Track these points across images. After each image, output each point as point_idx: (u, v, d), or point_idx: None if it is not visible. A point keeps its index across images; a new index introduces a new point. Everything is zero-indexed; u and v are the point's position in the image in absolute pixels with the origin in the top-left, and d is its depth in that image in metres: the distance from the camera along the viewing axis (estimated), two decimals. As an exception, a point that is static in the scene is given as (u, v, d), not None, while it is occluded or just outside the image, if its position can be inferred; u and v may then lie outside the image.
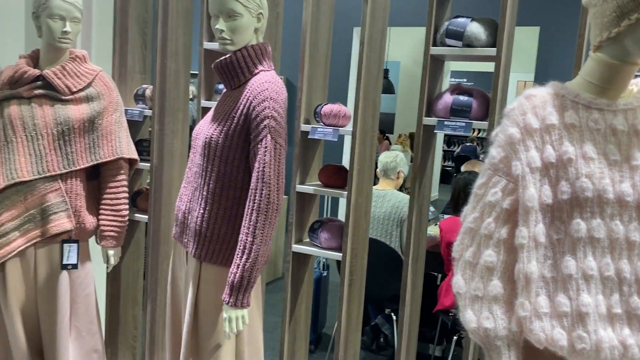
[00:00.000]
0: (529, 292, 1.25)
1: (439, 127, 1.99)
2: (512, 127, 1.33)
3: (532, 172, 1.28)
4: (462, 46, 1.97)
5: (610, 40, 1.25)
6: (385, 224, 3.49)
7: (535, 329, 1.23)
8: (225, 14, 1.78)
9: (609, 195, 1.21)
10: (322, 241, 2.29)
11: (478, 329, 1.31)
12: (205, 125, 1.90)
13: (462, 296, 1.35)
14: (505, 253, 1.31)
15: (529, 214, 1.26)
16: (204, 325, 1.87)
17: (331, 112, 2.23)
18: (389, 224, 3.50)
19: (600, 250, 1.21)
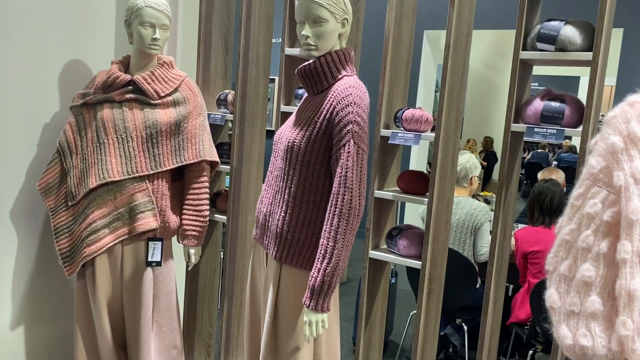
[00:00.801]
0: (632, 310, 1.17)
1: (528, 134, 1.92)
2: (615, 136, 1.26)
3: (636, 184, 1.20)
4: (554, 50, 1.89)
5: None
6: (458, 232, 3.41)
7: (638, 349, 1.15)
8: (312, 20, 1.80)
9: None
10: (401, 248, 2.26)
11: (574, 346, 1.24)
12: (287, 130, 1.92)
13: (556, 311, 1.29)
14: (606, 268, 1.23)
15: (632, 227, 1.18)
16: (284, 328, 1.88)
17: (413, 117, 2.20)
18: (462, 232, 3.41)
19: None
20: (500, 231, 2.10)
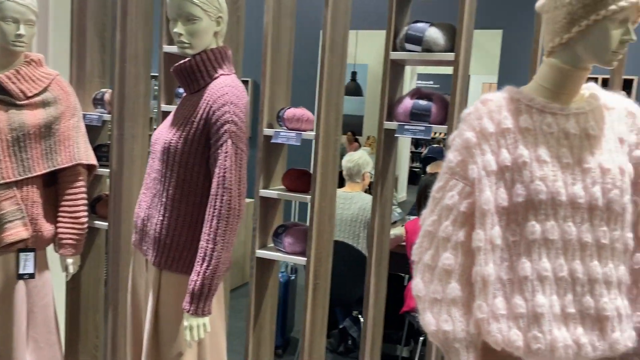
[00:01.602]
0: (487, 294, 1.26)
1: (399, 131, 2.01)
2: (469, 132, 1.35)
3: (488, 176, 1.30)
4: (421, 51, 1.99)
5: (562, 46, 1.27)
6: (352, 226, 3.50)
7: (492, 330, 1.25)
8: (184, 18, 1.76)
9: (562, 198, 1.23)
10: (286, 246, 2.28)
11: (437, 332, 1.32)
12: (164, 130, 1.87)
13: (421, 299, 1.37)
14: (463, 256, 1.32)
15: (485, 216, 1.28)
16: (165, 335, 1.84)
17: (294, 116, 2.23)
18: (356, 226, 3.51)
19: (554, 251, 1.23)
20: (378, 224, 2.18)
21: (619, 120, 1.32)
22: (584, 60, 1.27)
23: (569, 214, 1.24)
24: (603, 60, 1.24)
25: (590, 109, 1.31)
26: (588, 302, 1.23)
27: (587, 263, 1.24)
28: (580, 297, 1.23)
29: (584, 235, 1.23)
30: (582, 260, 1.24)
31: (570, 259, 1.23)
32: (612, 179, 1.25)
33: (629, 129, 1.32)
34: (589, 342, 1.22)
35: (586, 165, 1.26)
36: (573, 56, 1.27)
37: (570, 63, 1.28)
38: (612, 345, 1.22)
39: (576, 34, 1.24)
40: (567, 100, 1.31)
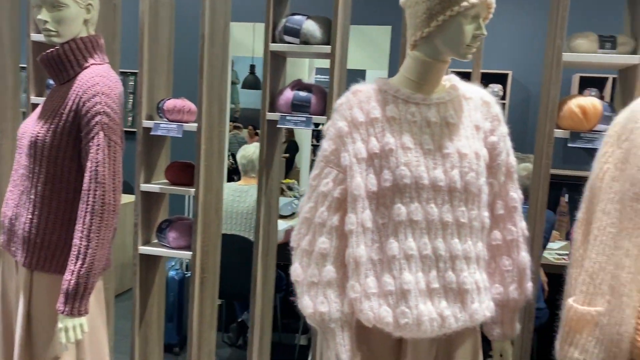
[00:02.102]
0: (359, 275, 1.33)
1: (281, 122, 2.04)
2: (341, 121, 1.40)
3: (358, 163, 1.36)
4: (299, 43, 2.02)
5: (423, 40, 1.36)
6: (248, 219, 3.50)
7: (364, 308, 1.31)
8: (49, 4, 1.66)
9: (425, 181, 1.32)
10: (171, 241, 2.23)
11: (314, 314, 1.36)
12: (31, 124, 1.75)
13: (299, 284, 1.41)
14: (338, 239, 1.38)
15: (356, 201, 1.34)
16: (39, 339, 1.73)
17: (174, 108, 2.18)
18: (252, 219, 3.51)
19: (419, 231, 1.32)
20: (264, 215, 2.20)
21: (475, 109, 1.44)
22: (442, 53, 1.36)
23: (431, 196, 1.32)
24: (459, 53, 1.34)
25: (450, 99, 1.41)
26: (450, 277, 1.32)
27: (449, 241, 1.33)
28: (443, 273, 1.32)
29: (445, 216, 1.33)
30: (444, 239, 1.33)
31: (434, 238, 1.32)
32: (469, 163, 1.35)
33: (484, 117, 1.44)
34: (452, 314, 1.32)
35: (446, 151, 1.35)
36: (433, 49, 1.36)
37: (431, 56, 1.36)
38: (471, 315, 1.33)
39: (435, 28, 1.32)
40: (430, 91, 1.40)
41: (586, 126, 1.84)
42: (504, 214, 1.47)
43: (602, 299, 1.35)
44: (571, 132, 1.86)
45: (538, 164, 1.92)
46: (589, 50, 1.87)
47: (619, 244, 1.32)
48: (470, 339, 1.42)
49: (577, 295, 1.41)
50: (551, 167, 1.91)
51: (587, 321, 1.36)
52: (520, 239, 1.47)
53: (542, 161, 1.90)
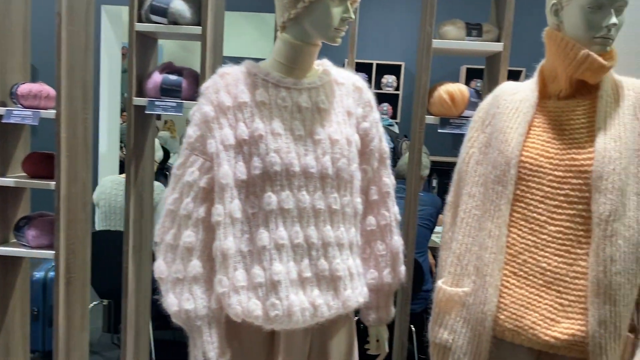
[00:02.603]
0: (227, 268, 1.26)
1: (149, 107, 1.90)
2: (207, 106, 1.32)
3: (226, 150, 1.28)
4: (167, 23, 1.90)
5: (292, 22, 1.30)
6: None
7: (232, 303, 1.25)
8: None
9: (295, 168, 1.27)
10: (30, 240, 2.02)
11: (179, 312, 1.28)
12: None
13: (164, 281, 1.31)
14: (204, 232, 1.30)
15: (224, 191, 1.26)
16: None
17: (30, 93, 1.96)
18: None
19: (290, 220, 1.27)
20: (134, 207, 2.06)
21: (347, 94, 1.41)
22: (311, 36, 1.31)
23: (303, 183, 1.28)
24: (327, 36, 1.30)
25: (321, 83, 1.37)
26: (323, 265, 1.29)
27: (321, 228, 1.30)
28: (315, 261, 1.29)
29: (317, 203, 1.29)
30: (316, 226, 1.30)
31: (306, 226, 1.29)
32: (340, 149, 1.32)
33: (356, 103, 1.41)
34: (324, 303, 1.29)
35: (317, 137, 1.31)
36: (302, 32, 1.31)
37: (300, 38, 1.32)
38: (344, 302, 1.31)
39: (302, 10, 1.27)
40: (301, 75, 1.35)
41: (454, 112, 1.90)
42: (378, 199, 1.46)
43: (468, 280, 1.39)
44: (441, 118, 1.91)
45: (412, 150, 1.95)
46: (457, 37, 1.92)
47: (483, 226, 1.36)
48: (344, 327, 1.41)
49: (446, 277, 1.44)
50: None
51: (455, 302, 1.40)
52: (393, 223, 1.47)
53: (415, 147, 1.93)
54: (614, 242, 1.20)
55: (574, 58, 1.27)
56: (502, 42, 1.85)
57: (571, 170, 1.26)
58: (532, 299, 1.26)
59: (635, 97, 1.30)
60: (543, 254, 1.27)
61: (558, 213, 1.27)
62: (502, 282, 1.30)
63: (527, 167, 1.31)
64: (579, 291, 1.23)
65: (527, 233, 1.30)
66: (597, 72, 1.27)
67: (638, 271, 1.23)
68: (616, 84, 1.32)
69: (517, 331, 1.27)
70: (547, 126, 1.34)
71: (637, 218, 1.22)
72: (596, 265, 1.20)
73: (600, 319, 1.19)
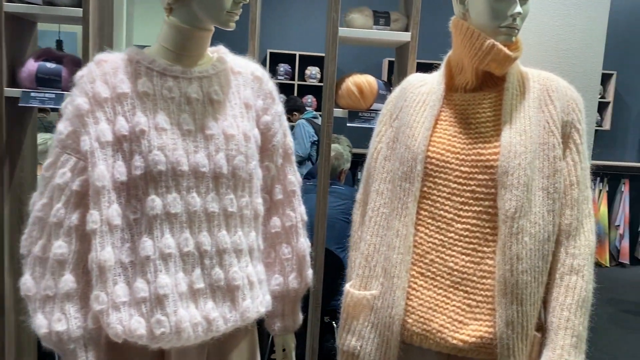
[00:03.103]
0: (105, 282, 1.10)
1: (24, 99, 1.68)
2: (81, 97, 1.15)
3: (102, 147, 1.12)
4: (42, 4, 1.68)
5: (178, 3, 1.16)
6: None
7: (112, 321, 1.09)
8: None
9: (184, 167, 1.13)
10: None
11: (50, 334, 1.11)
12: None
13: (31, 299, 1.14)
14: (78, 242, 1.13)
15: (100, 194, 1.10)
16: None
17: None
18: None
19: (179, 226, 1.13)
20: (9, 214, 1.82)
21: (245, 84, 1.29)
22: (201, 20, 1.18)
23: (193, 184, 1.15)
24: (219, 20, 1.17)
25: (215, 72, 1.24)
26: (218, 274, 1.17)
27: (215, 234, 1.17)
28: (209, 270, 1.16)
29: (210, 206, 1.16)
30: (209, 232, 1.17)
31: (197, 232, 1.15)
32: (237, 145, 1.20)
33: (256, 94, 1.29)
34: (220, 316, 1.16)
35: (209, 132, 1.18)
36: (191, 15, 1.17)
37: (189, 22, 1.18)
38: (243, 314, 1.20)
39: None
40: (191, 63, 1.22)
41: (363, 105, 1.82)
42: (282, 199, 1.36)
43: (376, 282, 1.31)
44: (349, 112, 1.83)
45: (321, 145, 1.86)
46: (364, 25, 1.84)
47: (391, 224, 1.29)
48: (245, 339, 1.29)
49: (354, 280, 1.36)
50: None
51: (363, 306, 1.32)
52: (299, 224, 1.37)
53: (323, 141, 1.84)
54: (520, 240, 1.16)
55: (479, 48, 1.23)
56: (410, 31, 1.78)
57: (477, 166, 1.22)
58: (440, 300, 1.21)
59: (540, 89, 1.27)
60: (450, 253, 1.22)
61: (465, 210, 1.22)
62: (409, 284, 1.24)
63: (433, 163, 1.25)
64: (487, 291, 1.18)
65: (434, 232, 1.24)
66: (502, 63, 1.23)
67: (544, 269, 1.20)
68: (522, 75, 1.29)
69: (425, 335, 1.21)
70: (453, 120, 1.29)
71: (542, 214, 1.20)
72: (503, 264, 1.16)
73: (507, 320, 1.15)
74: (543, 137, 1.23)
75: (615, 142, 6.28)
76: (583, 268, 1.20)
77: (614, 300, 4.98)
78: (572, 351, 1.16)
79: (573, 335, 1.17)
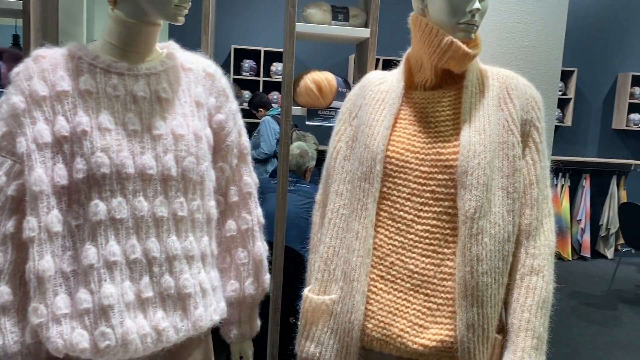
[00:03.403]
0: (44, 293, 1.03)
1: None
2: (16, 96, 1.08)
3: (40, 150, 1.05)
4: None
5: None
6: None
7: (52, 335, 1.03)
8: None
9: (129, 170, 1.07)
10: None
11: None
12: None
13: None
14: (15, 251, 1.06)
15: (38, 200, 1.03)
16: None
17: None
18: None
19: (125, 232, 1.07)
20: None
21: (196, 82, 1.23)
22: (148, 14, 1.11)
23: (139, 187, 1.09)
24: (166, 14, 1.11)
25: (163, 69, 1.18)
26: (168, 282, 1.11)
27: (164, 240, 1.11)
28: (158, 278, 1.10)
29: (159, 210, 1.10)
30: (158, 238, 1.11)
31: (145, 238, 1.09)
32: (187, 145, 1.14)
33: (208, 92, 1.24)
34: (170, 325, 1.11)
35: (157, 132, 1.12)
36: (136, 8, 1.11)
37: (134, 16, 1.11)
38: (195, 323, 1.14)
39: None
40: (138, 60, 1.15)
41: (322, 103, 1.77)
42: (238, 201, 1.31)
43: (336, 286, 1.27)
44: (308, 109, 1.78)
45: (281, 144, 1.80)
46: (322, 21, 1.79)
47: (350, 226, 1.26)
48: (198, 349, 1.24)
49: (313, 284, 1.32)
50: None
51: (322, 311, 1.28)
52: (255, 227, 1.32)
53: (282, 140, 1.79)
54: (479, 241, 1.14)
55: (437, 45, 1.20)
56: (370, 27, 1.74)
57: (437, 165, 1.19)
58: (400, 304, 1.18)
59: (500, 87, 1.24)
60: (410, 255, 1.18)
61: (425, 211, 1.19)
62: (369, 288, 1.21)
63: (393, 163, 1.22)
64: (447, 293, 1.16)
65: (394, 233, 1.21)
66: (461, 60, 1.20)
67: (504, 270, 1.18)
68: (482, 73, 1.27)
69: (385, 340, 1.18)
70: (413, 119, 1.25)
71: (502, 214, 1.18)
72: (463, 266, 1.13)
73: (468, 323, 1.13)
74: (502, 136, 1.20)
75: (576, 138, 6.40)
76: (543, 268, 1.19)
77: (575, 293, 5.08)
78: (533, 353, 1.14)
79: (534, 337, 1.15)
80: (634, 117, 6.27)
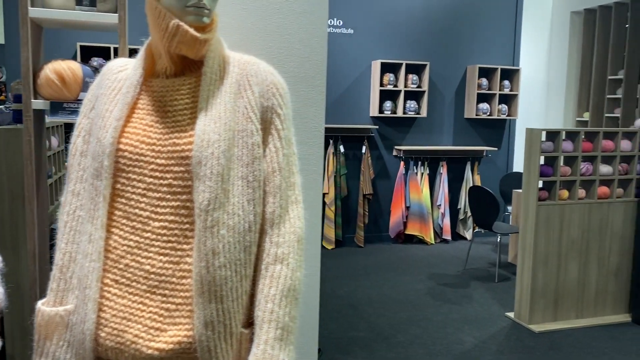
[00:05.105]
0: None
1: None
2: None
3: None
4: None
5: None
6: None
7: None
8: None
9: None
10: None
11: None
12: None
13: None
14: None
15: None
16: None
17: None
18: None
19: None
20: None
21: None
22: None
23: None
24: None
25: None
26: None
27: None
28: None
29: None
30: None
31: None
32: None
33: None
34: None
35: None
36: None
37: None
38: None
39: None
40: None
41: (68, 95, 1.63)
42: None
43: (72, 295, 1.16)
44: (51, 103, 1.62)
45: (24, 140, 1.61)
46: (64, 6, 1.63)
47: (84, 229, 1.15)
48: None
49: (48, 296, 1.20)
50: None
51: (56, 323, 1.16)
52: None
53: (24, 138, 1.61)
54: (215, 233, 1.08)
55: (165, 29, 1.13)
56: (118, 13, 1.62)
57: (173, 157, 1.12)
58: (135, 308, 1.09)
59: (240, 73, 1.20)
60: (146, 255, 1.10)
61: (162, 206, 1.11)
62: (102, 294, 1.11)
63: (126, 157, 1.13)
64: (186, 292, 1.09)
65: (129, 233, 1.12)
66: (191, 45, 1.13)
67: (247, 261, 1.14)
68: (224, 60, 1.21)
69: (120, 348, 1.09)
70: (151, 108, 1.17)
71: (242, 204, 1.13)
72: (198, 261, 1.07)
73: (206, 320, 1.07)
74: (241, 124, 1.16)
75: (432, 128, 6.73)
76: (288, 256, 1.16)
77: (433, 275, 5.32)
78: (277, 344, 1.11)
79: (277, 328, 1.11)
80: (482, 107, 6.69)
